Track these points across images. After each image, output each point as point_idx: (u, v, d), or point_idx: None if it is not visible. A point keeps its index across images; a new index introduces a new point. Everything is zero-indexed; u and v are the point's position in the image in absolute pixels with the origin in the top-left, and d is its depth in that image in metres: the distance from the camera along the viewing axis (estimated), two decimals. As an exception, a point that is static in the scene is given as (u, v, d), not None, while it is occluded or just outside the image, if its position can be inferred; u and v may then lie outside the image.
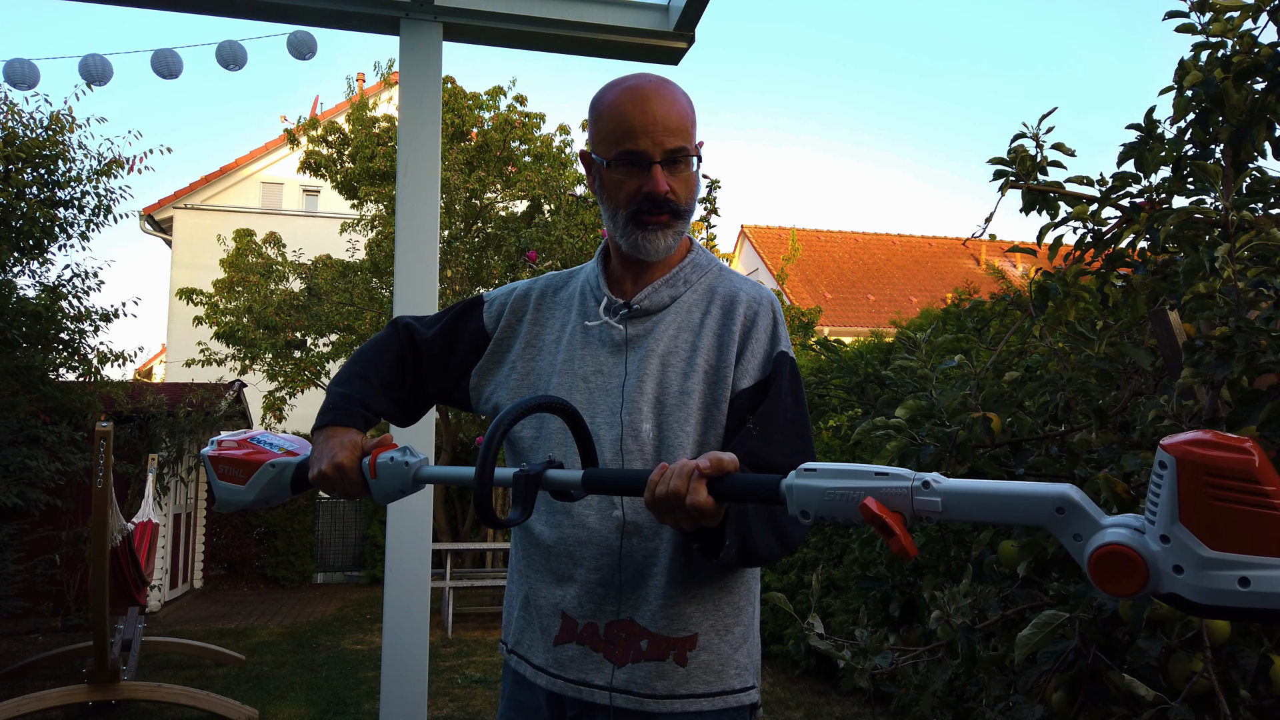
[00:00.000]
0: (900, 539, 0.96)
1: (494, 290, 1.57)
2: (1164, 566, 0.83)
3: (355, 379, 1.47)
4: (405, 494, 1.34)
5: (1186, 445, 0.82)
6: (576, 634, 1.34)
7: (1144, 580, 0.84)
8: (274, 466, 1.43)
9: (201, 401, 9.86)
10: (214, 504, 1.49)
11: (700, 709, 1.31)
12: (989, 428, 1.80)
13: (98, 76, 5.50)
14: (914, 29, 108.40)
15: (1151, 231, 1.86)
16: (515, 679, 1.43)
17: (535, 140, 11.22)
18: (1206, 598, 0.81)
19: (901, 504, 0.98)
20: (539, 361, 1.46)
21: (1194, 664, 1.37)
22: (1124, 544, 0.85)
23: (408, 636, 2.74)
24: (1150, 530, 0.85)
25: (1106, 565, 0.86)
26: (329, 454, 1.35)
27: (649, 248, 1.38)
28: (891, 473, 0.99)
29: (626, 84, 1.38)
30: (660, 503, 1.11)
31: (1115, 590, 0.86)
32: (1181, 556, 0.82)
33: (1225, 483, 0.81)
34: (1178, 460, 0.83)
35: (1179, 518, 0.83)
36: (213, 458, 1.46)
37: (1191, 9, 1.93)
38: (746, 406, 1.34)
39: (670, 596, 1.31)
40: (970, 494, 0.95)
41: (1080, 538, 0.89)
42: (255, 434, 1.49)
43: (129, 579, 5.79)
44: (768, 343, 1.39)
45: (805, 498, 1.04)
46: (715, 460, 1.10)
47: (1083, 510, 0.89)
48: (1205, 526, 0.81)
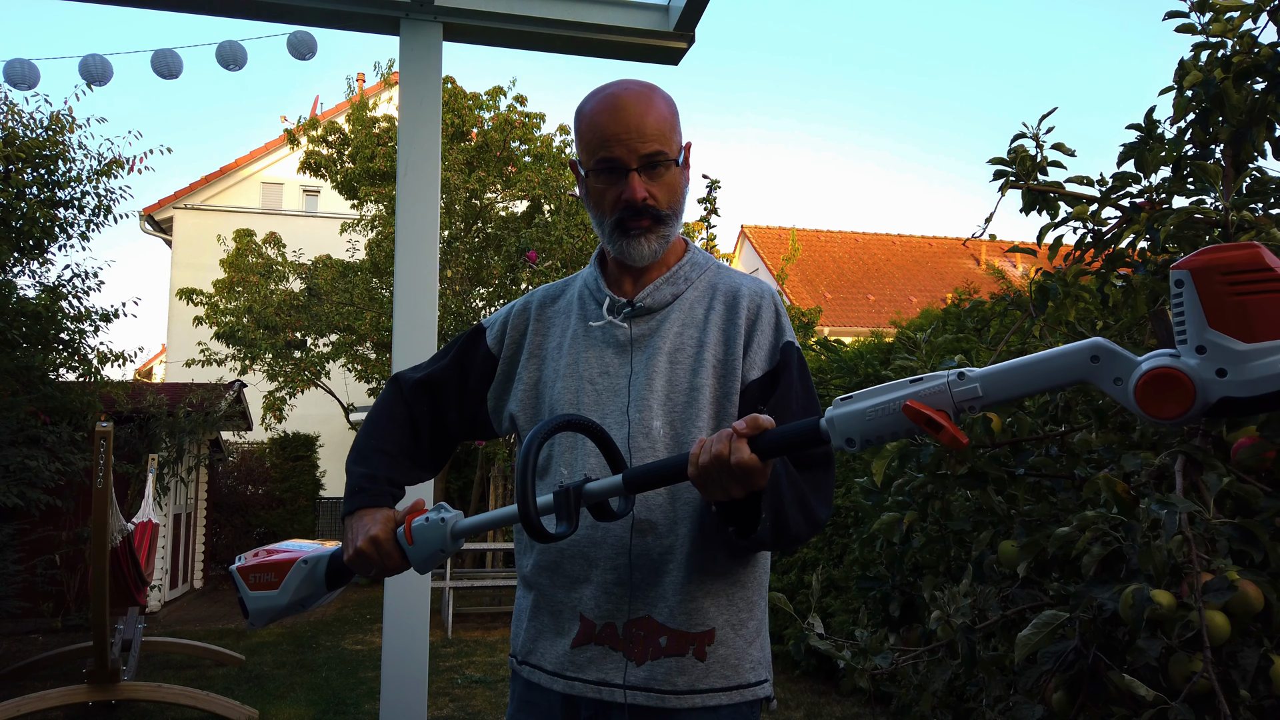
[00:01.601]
0: (949, 430, 0.98)
1: (491, 315, 1.58)
2: (1207, 375, 0.86)
3: (374, 454, 1.47)
4: (446, 554, 1.32)
5: (1195, 257, 0.86)
6: (595, 635, 1.34)
7: (1192, 395, 0.86)
8: (306, 563, 1.41)
9: (201, 402, 9.86)
10: (247, 621, 1.44)
11: (719, 703, 1.32)
12: (989, 428, 1.80)
13: (98, 77, 5.50)
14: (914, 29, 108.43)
15: (1151, 232, 1.86)
16: (526, 685, 1.42)
17: (535, 140, 11.23)
18: (1257, 388, 0.84)
19: (942, 400, 1.00)
20: (544, 369, 1.47)
21: (1194, 664, 1.37)
22: (1166, 365, 0.88)
23: (408, 636, 2.74)
24: (1184, 349, 0.87)
25: (1153, 389, 0.88)
26: (363, 532, 1.34)
27: (634, 253, 1.39)
28: (925, 376, 1.02)
29: (603, 93, 1.39)
30: (706, 472, 1.12)
31: (1168, 413, 0.88)
32: (1222, 359, 0.85)
33: (1241, 277, 0.84)
34: (1192, 272, 0.86)
35: (1208, 324, 0.85)
36: (242, 569, 1.45)
37: (1191, 9, 1.93)
38: (758, 397, 1.35)
39: (688, 592, 1.32)
40: (1005, 372, 0.97)
41: (1120, 380, 0.91)
42: (282, 543, 1.48)
43: (129, 579, 5.79)
44: (773, 334, 1.40)
45: (848, 424, 1.05)
46: (751, 420, 1.11)
47: (1116, 353, 0.91)
48: (1235, 323, 0.84)
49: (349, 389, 13.32)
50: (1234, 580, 1.36)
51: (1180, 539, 1.40)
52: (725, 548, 1.34)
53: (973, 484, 1.81)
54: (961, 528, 1.91)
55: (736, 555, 1.36)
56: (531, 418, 1.46)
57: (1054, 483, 1.88)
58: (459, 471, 12.27)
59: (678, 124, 1.41)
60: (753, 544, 1.25)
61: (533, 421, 1.46)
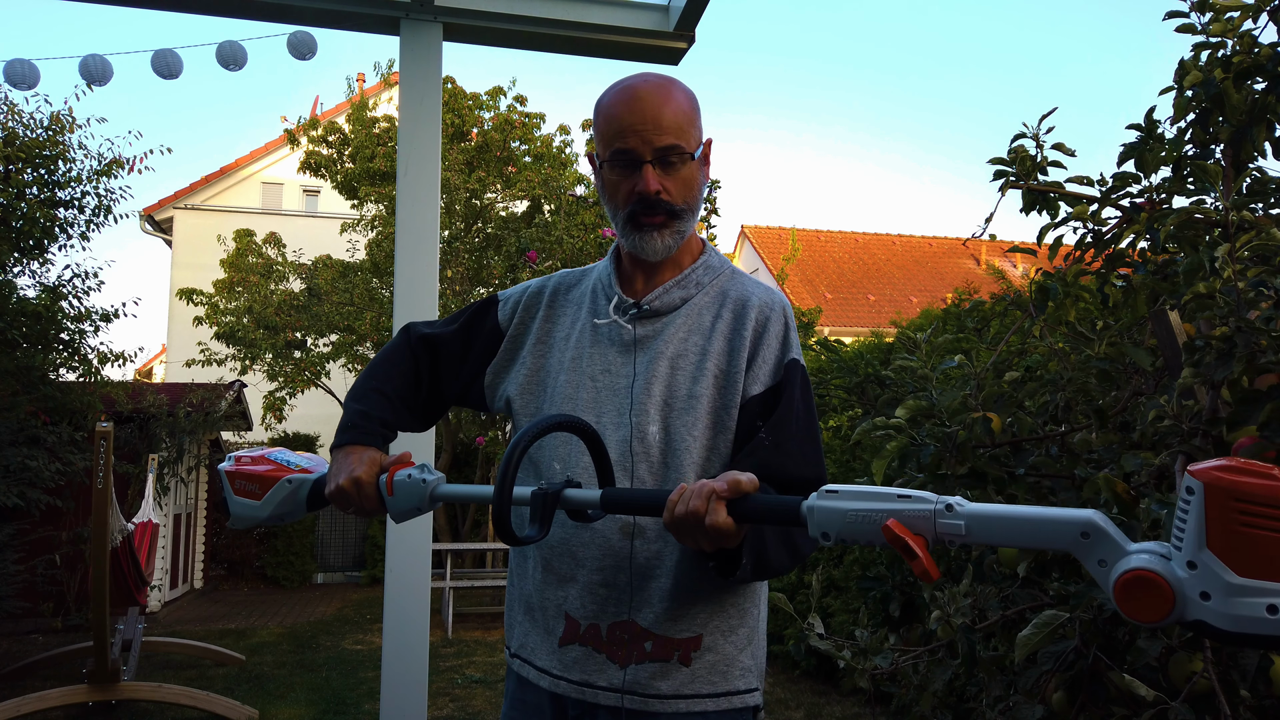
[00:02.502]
0: (923, 561, 0.95)
1: (509, 289, 1.57)
2: (1190, 593, 0.83)
3: (371, 394, 1.48)
4: (421, 512, 1.34)
5: (1215, 471, 0.81)
6: (580, 635, 1.33)
7: (1170, 607, 0.83)
8: (290, 482, 1.43)
9: (201, 402, 9.86)
10: (229, 519, 1.48)
11: (705, 709, 1.30)
12: (989, 428, 1.80)
13: (98, 77, 5.50)
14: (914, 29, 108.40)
15: (1152, 231, 1.86)
16: (519, 680, 1.42)
17: (535, 140, 11.22)
18: (1234, 625, 0.81)
19: (924, 527, 0.97)
20: (549, 359, 1.46)
21: (1194, 664, 1.37)
22: (1150, 570, 0.84)
23: (408, 636, 2.74)
24: (1176, 556, 0.84)
25: (1133, 591, 0.85)
26: (347, 469, 1.35)
27: (647, 248, 1.38)
28: (914, 495, 0.99)
29: (623, 84, 1.38)
30: (679, 523, 1.11)
31: (1141, 617, 0.85)
32: (1209, 583, 0.82)
33: (1254, 509, 0.80)
34: (1205, 486, 0.81)
35: (1206, 544, 0.82)
36: (229, 472, 1.46)
37: (1191, 9, 1.93)
38: (757, 413, 1.33)
39: (675, 599, 1.31)
40: (994, 518, 0.95)
41: (1105, 564, 0.88)
42: (272, 451, 1.49)
43: (129, 579, 5.79)
44: (779, 349, 1.38)
45: (827, 519, 1.03)
46: (733, 482, 1.10)
47: (1108, 535, 0.89)
48: (1233, 553, 0.81)
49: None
50: (1234, 580, 1.36)
51: (1180, 539, 1.40)
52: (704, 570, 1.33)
53: (973, 484, 1.81)
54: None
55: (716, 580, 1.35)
56: (528, 404, 1.45)
57: (1054, 483, 1.88)
58: (459, 471, 12.27)
59: (697, 119, 1.39)
60: (734, 582, 1.25)
61: (529, 407, 1.45)
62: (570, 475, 1.36)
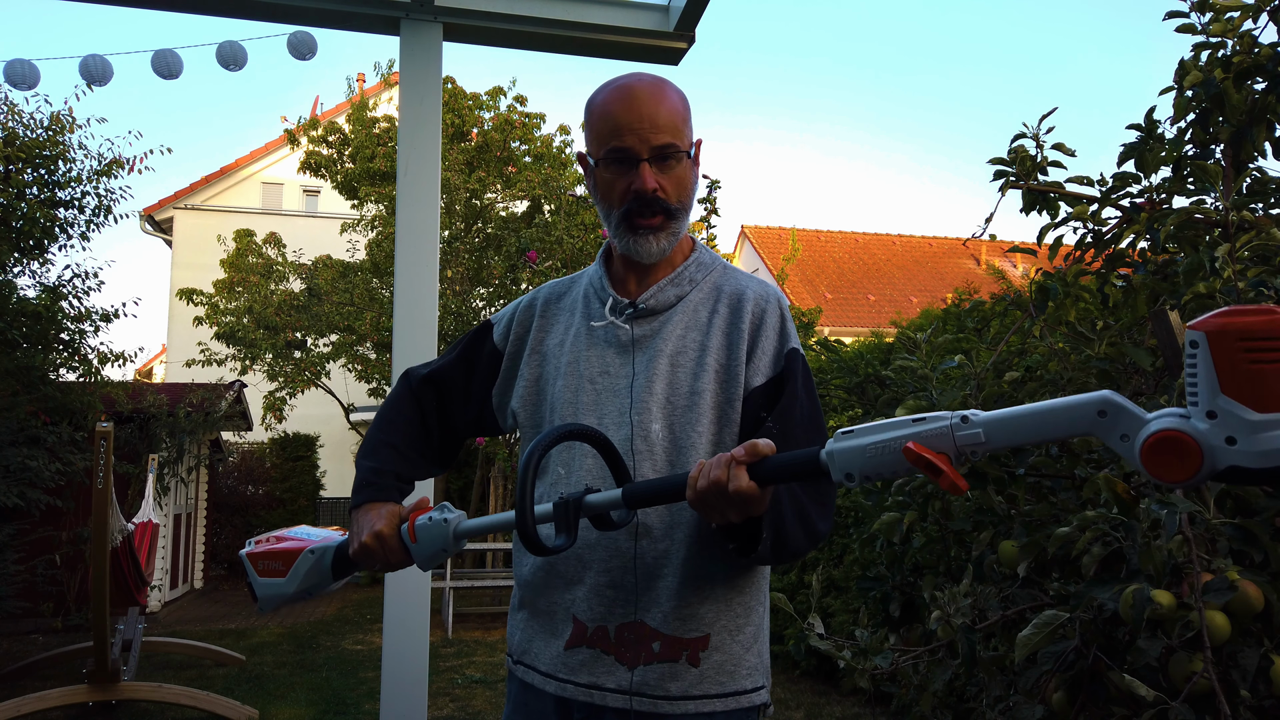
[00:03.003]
0: (949, 475, 0.95)
1: (499, 312, 1.57)
2: (1216, 441, 0.83)
3: (382, 448, 1.47)
4: (448, 554, 1.33)
5: (1213, 319, 0.83)
6: (587, 637, 1.33)
7: (1199, 461, 0.84)
8: (313, 553, 1.42)
9: (202, 402, 9.86)
10: (256, 604, 1.46)
11: (714, 710, 1.30)
12: (989, 428, 1.80)
13: (98, 77, 5.50)
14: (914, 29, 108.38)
15: (1152, 232, 1.86)
16: (521, 685, 1.42)
17: (535, 140, 11.23)
18: (1265, 460, 0.82)
19: (944, 443, 0.97)
20: (545, 367, 1.46)
21: (1194, 664, 1.37)
22: (1173, 428, 0.85)
23: (408, 636, 2.74)
24: (1194, 412, 0.85)
25: (1159, 452, 0.86)
26: (368, 526, 1.35)
27: (642, 250, 1.37)
28: (928, 416, 0.99)
29: (616, 84, 1.38)
30: (703, 497, 1.11)
31: (1173, 476, 0.86)
32: (1232, 427, 0.83)
33: (1259, 344, 0.81)
34: (1208, 334, 0.83)
35: (1220, 389, 0.83)
36: (251, 555, 1.46)
37: (1192, 9, 1.93)
38: (761, 404, 1.34)
39: (682, 598, 1.31)
40: (1010, 418, 0.95)
41: (1127, 437, 0.89)
42: (290, 530, 1.49)
43: (129, 579, 5.79)
44: (777, 340, 1.38)
45: (848, 459, 1.03)
46: (750, 446, 1.10)
47: (1125, 409, 0.89)
48: (1249, 392, 0.82)
49: (349, 389, 13.32)
50: (1234, 580, 1.36)
51: (1180, 539, 1.40)
52: (723, 553, 1.33)
53: (973, 484, 1.81)
54: (961, 528, 1.91)
55: (734, 561, 1.35)
56: (531, 414, 1.45)
57: (1054, 483, 1.88)
58: (459, 471, 12.27)
59: (689, 118, 1.40)
60: (753, 561, 1.25)
61: (533, 418, 1.45)
62: (576, 480, 1.36)
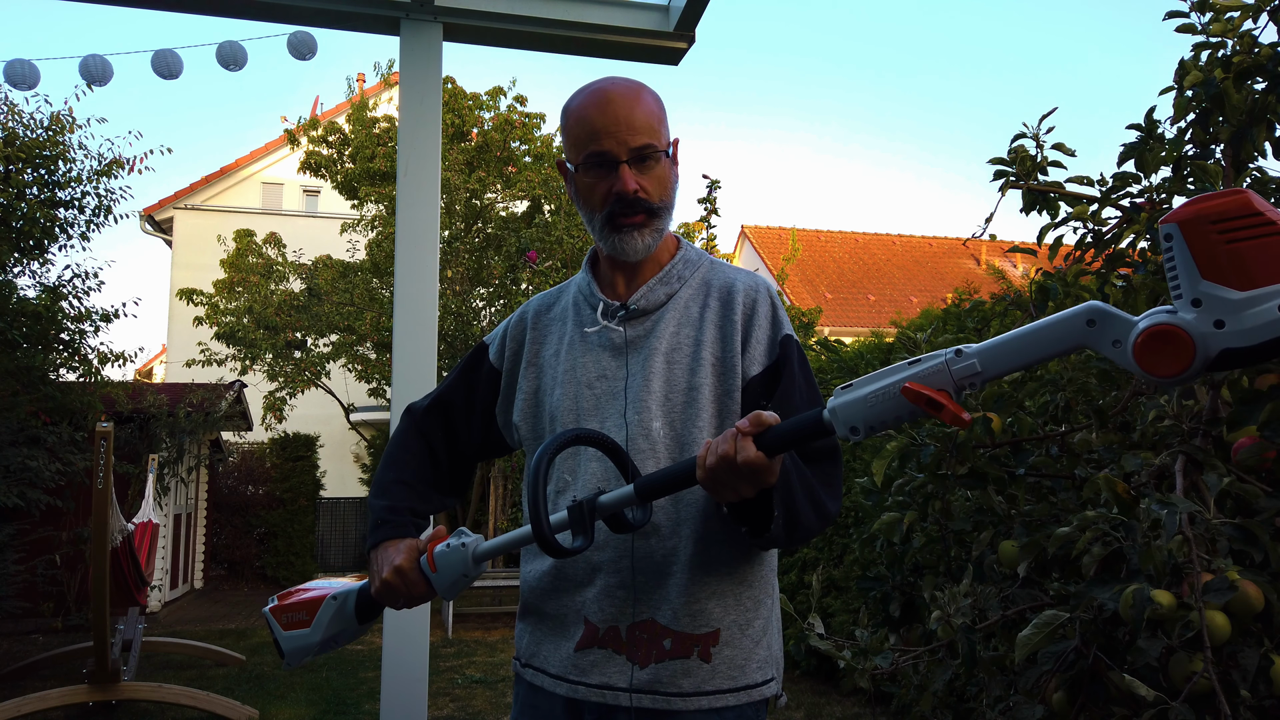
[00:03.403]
0: (950, 409, 0.97)
1: (492, 332, 1.58)
2: (1205, 329, 0.85)
3: (394, 486, 1.48)
4: (469, 579, 1.32)
5: (1184, 209, 0.85)
6: (599, 638, 1.33)
7: (1192, 350, 0.85)
8: (336, 599, 1.41)
9: (202, 402, 9.86)
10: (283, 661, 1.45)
11: (725, 704, 1.31)
12: (989, 428, 1.80)
13: (98, 77, 5.50)
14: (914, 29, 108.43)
15: (1152, 232, 1.86)
16: (530, 688, 1.42)
17: (535, 140, 11.23)
18: (1256, 336, 0.83)
19: (942, 380, 0.99)
20: (542, 379, 1.47)
21: (1194, 664, 1.37)
22: (1163, 322, 0.86)
23: (408, 637, 2.74)
24: (1180, 305, 0.86)
25: (1152, 347, 0.87)
26: (387, 563, 1.35)
27: (627, 248, 1.38)
28: (923, 357, 1.02)
29: (590, 89, 1.39)
30: (714, 473, 1.12)
31: (1168, 370, 0.86)
32: (1218, 310, 0.84)
33: (1230, 224, 0.82)
34: (1180, 224, 0.84)
35: (1201, 276, 0.84)
36: (274, 610, 1.45)
37: (1192, 9, 1.93)
38: (760, 392, 1.35)
39: (691, 594, 1.31)
40: (1003, 345, 0.97)
41: (1119, 342, 0.90)
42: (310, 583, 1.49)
43: (129, 579, 5.79)
44: (770, 328, 1.39)
45: (850, 412, 1.05)
46: (754, 417, 1.11)
47: (1113, 315, 0.91)
48: (1228, 273, 0.83)
49: (349, 389, 13.32)
50: (1234, 580, 1.36)
51: (1180, 539, 1.40)
52: (730, 547, 1.33)
53: (973, 484, 1.81)
54: (962, 528, 1.91)
55: (742, 555, 1.35)
56: (532, 426, 1.46)
57: (1054, 483, 1.88)
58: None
59: (665, 119, 1.41)
60: (766, 542, 1.26)
61: (534, 430, 1.46)
62: (583, 486, 1.36)
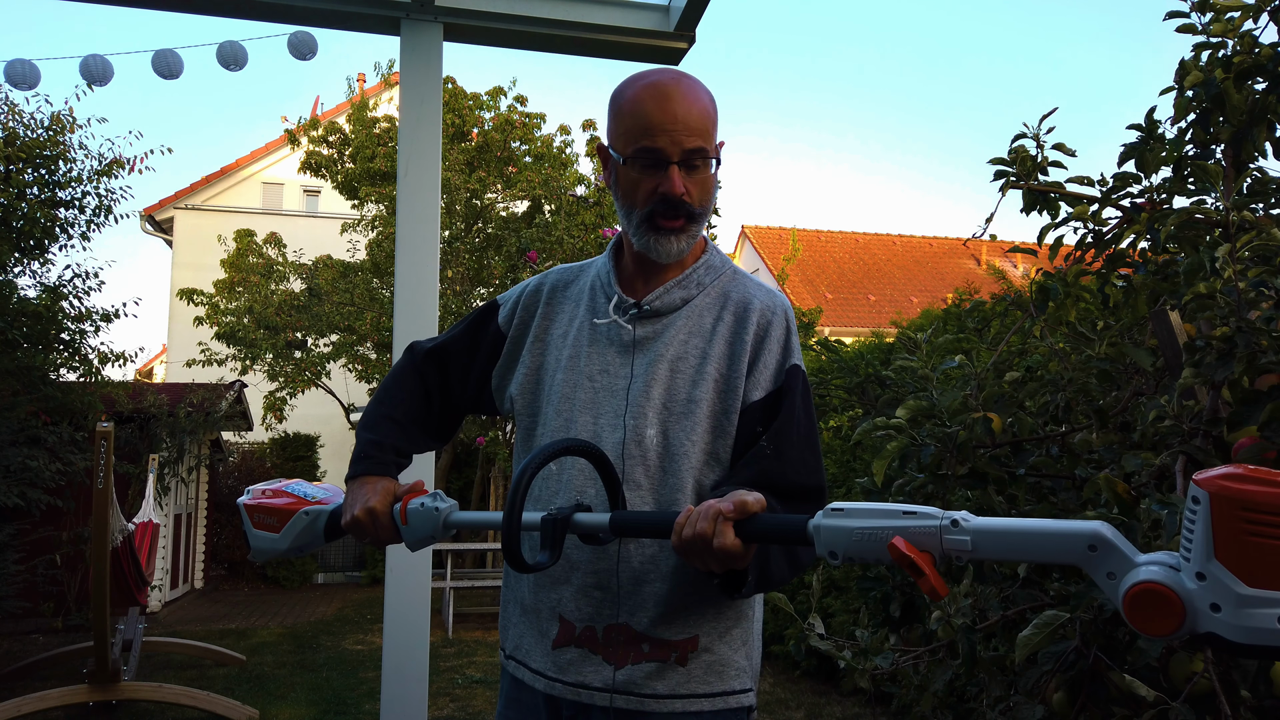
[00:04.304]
0: (930, 579, 0.95)
1: (507, 292, 1.56)
2: (1201, 605, 0.81)
3: (383, 421, 1.48)
4: (435, 540, 1.36)
5: (1220, 480, 0.80)
6: (575, 637, 1.33)
7: (1181, 620, 0.82)
8: (307, 514, 1.45)
9: (202, 402, 9.86)
10: (250, 553, 1.51)
11: (700, 709, 1.30)
12: (990, 428, 1.80)
13: (98, 77, 5.50)
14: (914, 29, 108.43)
15: (1152, 232, 1.86)
16: (513, 681, 1.43)
17: (536, 140, 11.22)
18: (1246, 637, 0.80)
19: (930, 543, 0.97)
20: (547, 356, 1.45)
21: (1195, 664, 1.37)
22: (1160, 582, 0.83)
23: (408, 637, 2.74)
24: (1185, 568, 0.83)
25: (1142, 604, 0.84)
26: (362, 499, 1.36)
27: (662, 250, 1.35)
28: (919, 511, 0.99)
29: (649, 79, 1.34)
30: (688, 545, 1.12)
31: (1152, 630, 0.84)
32: (1219, 594, 0.80)
33: (1261, 517, 0.78)
34: (1211, 496, 0.80)
35: (1214, 554, 0.80)
36: (248, 506, 1.49)
37: (1192, 9, 1.93)
38: (758, 419, 1.33)
39: (670, 603, 1.30)
40: (1000, 532, 0.94)
41: (1114, 576, 0.87)
42: (289, 483, 1.51)
43: (129, 579, 5.79)
44: (780, 354, 1.37)
45: (833, 538, 1.04)
46: (739, 503, 1.10)
47: (1116, 548, 0.87)
48: (1242, 563, 0.79)
49: (349, 389, 13.31)
50: (1235, 580, 1.36)
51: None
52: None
53: (973, 484, 1.81)
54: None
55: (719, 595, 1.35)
56: (529, 403, 1.45)
57: (1054, 483, 1.88)
58: (459, 471, 12.27)
59: (718, 120, 1.37)
60: (736, 598, 1.27)
61: (529, 407, 1.45)
62: (566, 479, 1.36)
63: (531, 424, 1.44)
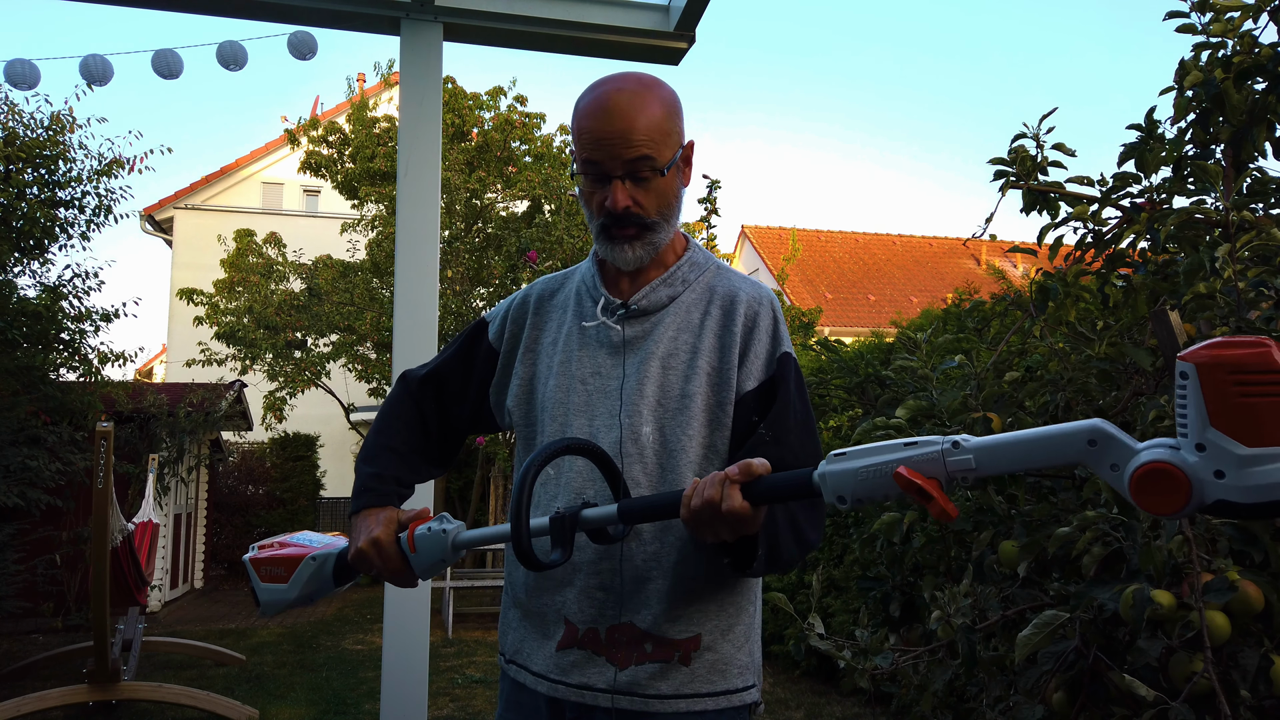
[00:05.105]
0: (939, 502, 0.96)
1: (493, 309, 1.57)
2: (1205, 475, 0.83)
3: (383, 453, 1.47)
4: (446, 564, 1.34)
5: (1204, 350, 0.82)
6: (579, 639, 1.33)
7: (1188, 493, 0.84)
8: (314, 560, 1.44)
9: (202, 402, 9.86)
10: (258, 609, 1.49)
11: (705, 708, 1.30)
12: (989, 428, 1.80)
13: (98, 76, 5.50)
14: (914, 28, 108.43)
15: (1152, 232, 1.86)
16: (514, 685, 1.43)
17: (535, 140, 11.23)
18: (1254, 495, 0.81)
19: (935, 469, 0.98)
20: (538, 365, 1.46)
21: (1194, 664, 1.37)
22: (1162, 460, 0.85)
23: (408, 637, 2.74)
24: (1184, 443, 0.85)
25: (1148, 484, 0.85)
26: (366, 532, 1.35)
27: (619, 258, 1.37)
28: (920, 440, 1.00)
29: (596, 91, 1.35)
30: (697, 515, 1.11)
31: (1161, 508, 0.85)
32: (1220, 460, 0.82)
33: (1249, 378, 0.80)
34: (1198, 366, 0.82)
35: (1210, 422, 0.82)
36: (254, 560, 1.48)
37: (1192, 9, 1.93)
38: (753, 408, 1.33)
39: (672, 600, 1.31)
40: (1001, 446, 0.95)
41: (1117, 466, 0.88)
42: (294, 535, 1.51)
43: (129, 579, 5.79)
44: (770, 343, 1.37)
45: (840, 482, 1.04)
46: (744, 466, 1.10)
47: (1115, 438, 0.89)
48: (1238, 425, 0.81)
49: (349, 389, 13.32)
50: (1234, 580, 1.36)
51: (1181, 539, 1.40)
52: (717, 565, 1.33)
53: (973, 484, 1.81)
54: (962, 528, 1.91)
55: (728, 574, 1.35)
56: (525, 413, 1.45)
57: (1054, 483, 1.88)
58: (459, 472, 12.26)
59: (675, 125, 1.36)
60: (747, 574, 1.26)
61: (525, 417, 1.45)
62: (565, 482, 1.36)
63: (530, 433, 1.44)
